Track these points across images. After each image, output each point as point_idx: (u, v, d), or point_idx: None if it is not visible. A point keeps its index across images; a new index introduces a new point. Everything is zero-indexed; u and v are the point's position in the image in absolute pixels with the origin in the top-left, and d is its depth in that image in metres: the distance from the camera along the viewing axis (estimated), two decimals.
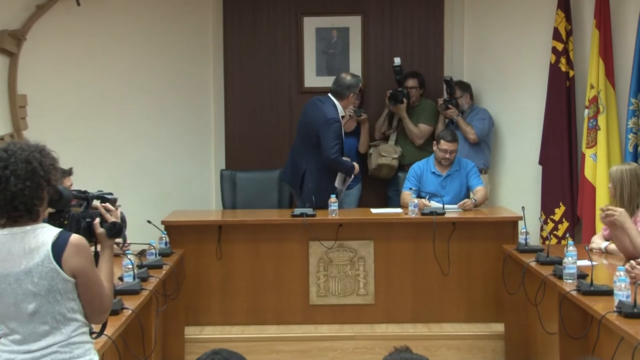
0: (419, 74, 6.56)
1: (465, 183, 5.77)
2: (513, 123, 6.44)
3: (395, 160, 6.39)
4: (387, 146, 6.47)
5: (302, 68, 6.73)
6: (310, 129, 5.64)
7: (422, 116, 6.49)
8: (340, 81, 5.68)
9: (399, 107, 6.39)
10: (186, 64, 6.61)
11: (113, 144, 6.23)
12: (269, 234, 5.33)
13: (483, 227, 5.33)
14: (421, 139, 6.45)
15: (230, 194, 6.25)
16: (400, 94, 6.34)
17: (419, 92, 6.53)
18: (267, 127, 6.81)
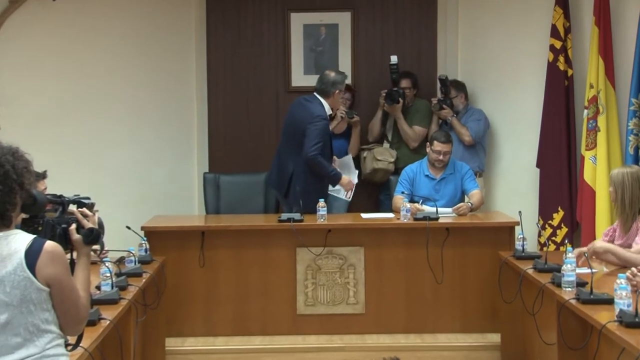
0: (412, 74, 6.58)
1: (460, 187, 5.78)
2: (509, 124, 6.46)
3: (391, 165, 6.39)
4: (383, 149, 6.48)
5: (289, 66, 6.72)
6: (296, 129, 5.66)
7: (416, 117, 6.51)
8: (324, 78, 5.73)
9: (395, 107, 6.40)
10: (167, 61, 6.60)
11: (90, 145, 6.21)
12: (255, 240, 5.33)
13: (478, 233, 5.34)
14: (416, 142, 6.46)
15: (213, 198, 6.24)
16: (397, 93, 6.36)
17: (412, 93, 6.55)
18: (253, 128, 6.81)
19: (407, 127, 6.43)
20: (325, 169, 5.60)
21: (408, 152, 6.46)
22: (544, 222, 5.98)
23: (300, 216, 5.34)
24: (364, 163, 6.48)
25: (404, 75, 6.49)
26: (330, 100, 5.73)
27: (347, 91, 6.47)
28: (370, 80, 6.76)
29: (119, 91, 6.35)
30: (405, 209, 5.36)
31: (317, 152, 5.52)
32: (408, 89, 6.49)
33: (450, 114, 6.34)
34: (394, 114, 6.45)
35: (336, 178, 5.68)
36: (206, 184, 6.29)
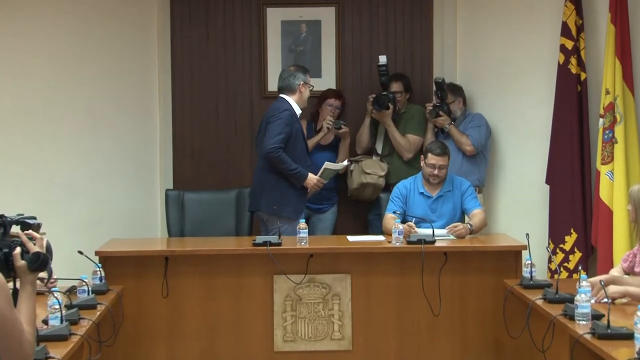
0: (404, 76, 6.61)
1: (459, 206, 5.80)
2: (514, 134, 6.49)
3: (381, 179, 6.41)
4: (372, 162, 6.50)
5: (266, 69, 6.74)
6: (263, 132, 5.77)
7: (410, 125, 6.54)
8: (284, 74, 5.90)
9: (384, 114, 6.43)
10: (125, 64, 6.60)
11: (36, 159, 6.19)
12: (226, 266, 5.32)
13: (480, 258, 5.35)
14: (410, 152, 6.49)
15: (178, 219, 6.23)
16: (386, 98, 6.39)
17: (404, 97, 6.58)
18: (223, 140, 6.82)
19: (399, 136, 6.46)
20: (285, 165, 5.66)
21: (401, 165, 6.49)
22: (554, 246, 5.99)
23: (278, 239, 5.33)
24: (351, 177, 6.50)
25: (394, 77, 6.52)
26: (298, 97, 5.83)
27: (335, 98, 6.50)
28: (358, 84, 6.80)
29: (69, 99, 6.34)
30: (397, 230, 5.36)
31: (278, 144, 5.61)
32: (399, 93, 6.52)
33: (448, 121, 6.38)
34: (384, 121, 6.48)
35: (299, 176, 5.72)
36: (169, 203, 6.28)
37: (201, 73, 6.81)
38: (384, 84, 6.43)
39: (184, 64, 6.79)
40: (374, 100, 6.41)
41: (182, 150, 6.81)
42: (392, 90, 6.47)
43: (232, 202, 6.25)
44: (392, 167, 6.49)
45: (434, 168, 5.73)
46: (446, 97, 6.38)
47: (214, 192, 6.39)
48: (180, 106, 6.81)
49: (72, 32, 6.34)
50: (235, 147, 6.82)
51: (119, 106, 6.58)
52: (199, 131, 6.82)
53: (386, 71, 6.37)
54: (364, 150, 6.63)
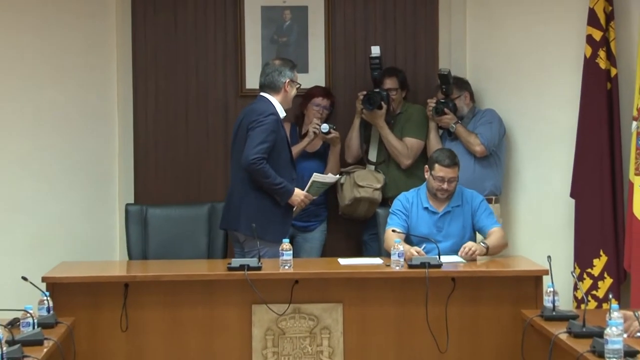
0: (399, 71, 6.63)
1: (470, 224, 5.80)
2: (533, 139, 6.49)
3: (377, 192, 6.41)
4: (365, 172, 6.50)
5: (243, 63, 6.75)
6: (241, 140, 5.74)
7: (408, 127, 6.54)
8: (267, 69, 5.86)
9: (376, 114, 6.43)
10: (79, 58, 6.59)
11: None
12: (195, 294, 5.29)
13: (494, 285, 5.34)
14: (409, 158, 6.49)
15: (140, 239, 6.21)
16: (378, 95, 6.39)
17: (400, 95, 6.60)
18: (194, 146, 6.82)
19: (395, 140, 6.47)
20: (269, 179, 5.64)
21: (399, 174, 6.51)
22: (581, 270, 5.99)
23: (257, 262, 5.31)
24: (342, 192, 6.49)
25: (387, 72, 6.54)
26: (282, 96, 5.82)
27: (322, 97, 6.49)
28: (352, 81, 6.81)
29: (12, 96, 6.31)
30: (397, 252, 5.34)
31: (260, 155, 5.59)
32: (394, 91, 6.54)
33: (454, 120, 6.40)
34: (376, 122, 6.48)
35: (284, 192, 5.71)
36: (130, 220, 6.25)
37: (167, 69, 6.80)
38: (376, 80, 6.44)
39: (147, 57, 6.78)
40: (364, 98, 6.42)
41: (145, 158, 6.81)
42: (385, 87, 6.49)
43: (204, 219, 6.23)
44: (389, 178, 6.49)
45: (443, 181, 5.72)
46: (451, 92, 6.40)
47: (183, 207, 6.38)
48: (142, 107, 6.80)
49: (16, 26, 6.30)
50: (207, 155, 6.82)
51: (70, 108, 6.56)
52: (164, 136, 6.82)
53: (379, 65, 6.38)
54: (355, 158, 6.63)
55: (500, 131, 6.41)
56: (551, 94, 6.38)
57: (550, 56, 6.37)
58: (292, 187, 5.75)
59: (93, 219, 6.65)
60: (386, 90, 6.47)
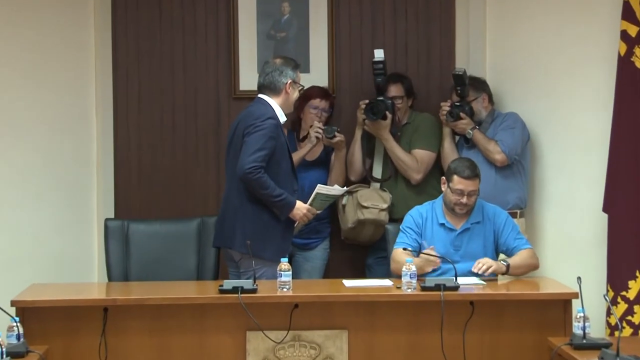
0: (404, 77, 6.65)
1: (492, 242, 5.79)
2: (561, 146, 6.50)
3: (383, 214, 6.42)
4: (370, 191, 6.51)
5: (237, 61, 6.78)
6: (236, 147, 5.74)
7: (416, 137, 6.57)
8: (267, 68, 5.85)
9: (380, 125, 6.45)
10: (52, 57, 6.61)
11: None
12: (184, 320, 5.29)
13: (518, 310, 5.33)
14: (419, 172, 6.50)
15: (120, 257, 6.19)
16: (382, 104, 6.41)
17: (406, 104, 6.63)
18: (182, 154, 6.86)
19: (403, 153, 6.49)
20: (267, 190, 5.62)
21: (409, 192, 6.52)
22: (615, 293, 5.96)
23: (252, 285, 5.30)
24: (344, 214, 6.51)
25: (392, 78, 6.56)
26: (283, 98, 5.82)
27: (320, 98, 6.49)
28: (357, 83, 6.84)
29: None
30: (409, 273, 5.33)
31: (257, 163, 5.57)
32: (399, 99, 6.56)
33: (471, 125, 6.40)
34: (380, 134, 6.50)
35: (285, 205, 5.69)
36: (110, 236, 6.24)
37: (152, 67, 6.83)
38: (380, 87, 6.46)
39: (129, 55, 6.81)
40: (366, 107, 6.43)
41: (127, 167, 6.83)
42: (389, 95, 6.51)
43: (193, 235, 6.22)
44: (397, 196, 6.51)
45: (462, 195, 5.71)
46: (467, 94, 6.42)
47: (169, 222, 6.37)
48: (124, 110, 6.83)
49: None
50: (197, 163, 6.84)
51: (41, 110, 6.59)
52: (149, 142, 6.85)
53: (383, 70, 6.39)
54: (358, 175, 6.66)
55: (524, 137, 6.41)
56: (581, 96, 6.38)
57: (580, 54, 6.37)
58: (293, 199, 5.74)
59: (68, 236, 6.66)
60: (391, 98, 6.49)
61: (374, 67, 6.40)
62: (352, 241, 6.57)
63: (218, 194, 6.52)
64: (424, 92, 6.82)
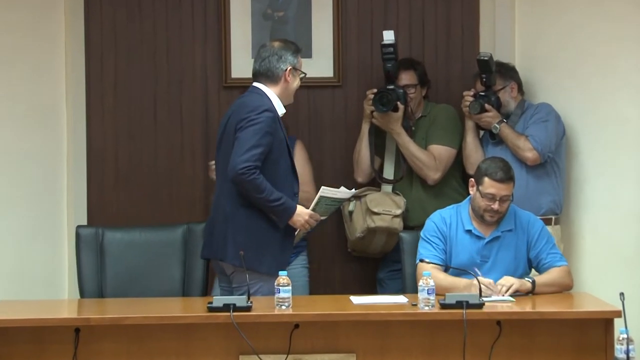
0: (416, 63, 6.66)
1: (524, 255, 5.77)
2: (602, 142, 6.51)
3: (397, 220, 6.43)
4: (381, 195, 6.54)
5: (228, 45, 6.82)
6: (228, 143, 5.71)
7: (433, 131, 6.60)
8: (263, 53, 5.81)
9: (391, 118, 6.46)
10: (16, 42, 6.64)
11: None
12: (167, 341, 5.28)
13: (552, 330, 5.31)
14: (437, 171, 6.53)
15: (95, 270, 6.17)
16: (393, 94, 6.42)
17: (420, 93, 6.65)
18: (164, 151, 6.88)
19: (418, 149, 6.51)
20: (264, 194, 5.58)
21: (425, 195, 6.57)
22: None
23: (246, 302, 5.27)
24: (351, 222, 6.55)
25: (403, 65, 6.57)
26: (282, 88, 5.78)
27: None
28: (366, 70, 6.86)
29: None
30: (427, 288, 5.28)
31: (252, 163, 5.53)
32: (412, 87, 6.58)
33: (497, 119, 6.40)
34: (391, 128, 6.52)
35: (284, 210, 5.66)
36: (82, 246, 6.21)
37: (130, 53, 6.87)
38: (390, 74, 6.46)
39: (103, 39, 6.84)
40: (375, 97, 6.44)
41: (102, 169, 6.87)
42: (401, 84, 6.52)
43: (178, 244, 6.21)
44: (412, 200, 6.54)
45: (493, 200, 5.67)
46: (494, 83, 6.41)
47: (150, 229, 6.35)
48: (98, 102, 6.86)
49: None
50: (182, 163, 6.87)
51: (6, 107, 6.61)
52: (127, 141, 6.88)
53: (394, 54, 6.40)
54: (366, 176, 6.68)
55: (558, 132, 6.41)
56: (625, 85, 6.39)
57: (628, 39, 6.38)
58: (293, 204, 5.70)
59: (34, 246, 6.68)
60: (402, 87, 6.51)
61: (382, 51, 6.40)
62: (360, 253, 6.60)
63: (207, 197, 6.52)
64: (443, 80, 6.87)
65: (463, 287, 5.49)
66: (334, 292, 6.54)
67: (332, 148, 6.88)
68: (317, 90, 6.84)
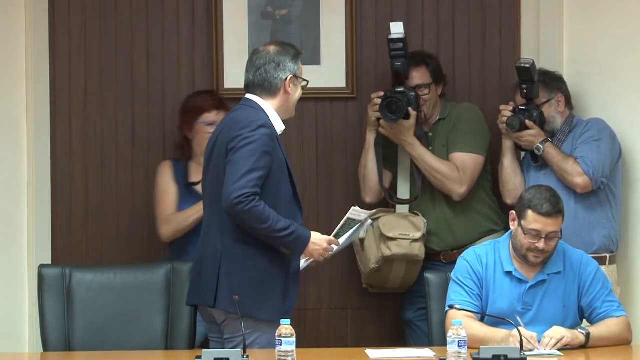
0: (428, 57, 6.68)
1: (575, 301, 5.70)
2: None
3: (417, 245, 6.42)
4: (396, 218, 6.56)
5: (220, 50, 6.84)
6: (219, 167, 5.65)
7: (455, 137, 6.63)
8: (257, 60, 5.75)
9: (402, 127, 6.46)
10: None
11: None
12: None
13: None
14: (463, 184, 6.53)
15: (60, 318, 6.09)
16: (403, 98, 6.41)
17: (435, 93, 6.66)
18: (143, 176, 6.86)
19: (436, 160, 6.53)
20: (267, 223, 5.51)
21: (452, 214, 6.61)
22: None
23: (241, 355, 5.17)
24: (363, 252, 6.54)
25: (413, 61, 6.56)
26: (281, 100, 5.74)
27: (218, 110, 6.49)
28: (384, 77, 6.76)
29: None
30: (458, 339, 5.19)
31: (249, 190, 5.47)
32: (425, 88, 6.59)
33: (541, 138, 6.37)
34: (402, 140, 6.54)
35: (296, 239, 5.59)
36: (45, 289, 6.14)
37: (104, 59, 6.87)
38: (399, 74, 6.47)
39: (72, 43, 6.85)
40: (383, 103, 6.43)
41: (69, 199, 6.88)
42: (412, 84, 6.52)
43: (160, 287, 6.14)
44: (434, 220, 6.56)
45: (538, 238, 5.57)
46: (537, 95, 6.38)
47: (127, 269, 6.27)
48: (65, 116, 6.88)
49: None
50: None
51: None
52: (98, 166, 6.89)
53: (403, 50, 6.41)
54: (375, 193, 6.67)
55: (614, 153, 6.38)
56: None
57: None
58: (306, 230, 5.63)
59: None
60: (413, 88, 6.50)
61: (390, 47, 6.42)
62: (378, 289, 6.61)
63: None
64: (478, 92, 6.91)
65: (501, 339, 5.40)
66: (347, 343, 6.55)
67: (345, 170, 6.88)
68: (326, 102, 6.86)
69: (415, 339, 6.31)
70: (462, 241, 6.49)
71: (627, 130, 6.50)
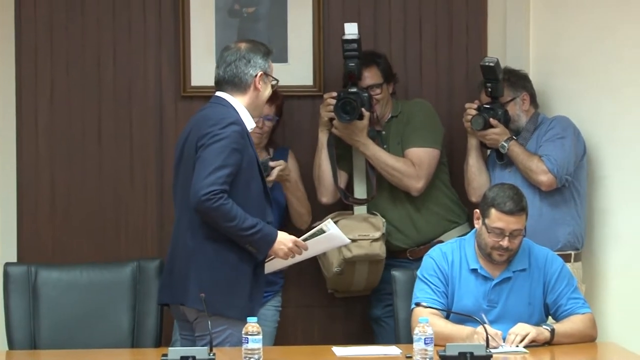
0: (377, 56, 6.68)
1: (540, 299, 5.72)
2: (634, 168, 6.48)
3: (378, 244, 6.45)
4: (355, 219, 6.57)
5: (187, 48, 6.84)
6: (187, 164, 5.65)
7: (410, 133, 6.64)
8: (227, 57, 5.76)
9: (356, 128, 6.47)
10: None
11: None
12: None
13: None
14: (420, 179, 6.54)
15: (26, 316, 6.10)
16: (357, 98, 6.43)
17: (386, 93, 6.67)
18: (111, 175, 6.87)
19: (391, 157, 6.55)
20: (234, 222, 5.51)
21: (413, 209, 6.61)
22: None
23: (208, 353, 5.17)
24: (325, 257, 6.53)
25: (364, 62, 6.55)
26: (251, 97, 5.74)
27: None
28: None
29: None
30: (425, 337, 5.20)
31: (218, 187, 5.46)
32: (377, 88, 6.60)
33: (506, 136, 6.39)
34: (355, 140, 6.55)
35: (262, 238, 5.58)
36: (11, 288, 6.16)
37: (70, 58, 6.87)
38: (352, 74, 6.47)
39: (38, 42, 6.85)
40: (337, 104, 6.44)
41: (35, 196, 6.88)
42: (364, 84, 6.54)
43: (127, 285, 6.15)
44: (397, 218, 6.59)
45: (501, 236, 5.59)
46: (502, 94, 6.41)
47: (93, 267, 6.27)
48: (31, 115, 6.87)
49: None
50: (131, 188, 6.88)
51: None
52: (65, 164, 6.89)
53: (357, 51, 6.42)
54: (331, 194, 6.68)
55: (578, 150, 6.41)
56: None
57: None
58: (273, 229, 5.64)
59: None
60: (366, 88, 6.52)
61: (344, 48, 6.42)
62: (344, 293, 6.63)
63: (161, 229, 6.57)
64: (444, 91, 6.93)
65: (466, 335, 5.41)
66: (314, 341, 6.55)
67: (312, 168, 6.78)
68: (293, 100, 6.85)
69: (384, 336, 6.31)
70: (426, 236, 6.53)
71: (592, 128, 6.53)
